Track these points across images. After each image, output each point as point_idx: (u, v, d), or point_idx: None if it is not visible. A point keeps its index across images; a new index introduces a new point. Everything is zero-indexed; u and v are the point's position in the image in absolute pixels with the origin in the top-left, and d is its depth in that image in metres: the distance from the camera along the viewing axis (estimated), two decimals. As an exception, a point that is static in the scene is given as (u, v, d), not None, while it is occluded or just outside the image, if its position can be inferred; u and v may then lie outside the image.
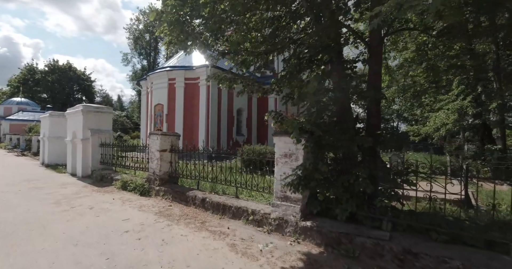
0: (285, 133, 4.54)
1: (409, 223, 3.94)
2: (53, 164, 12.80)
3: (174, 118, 19.82)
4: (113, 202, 6.32)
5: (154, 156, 7.21)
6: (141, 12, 50.19)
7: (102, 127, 10.14)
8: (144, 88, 24.11)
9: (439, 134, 15.53)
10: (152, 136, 7.29)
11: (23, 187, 7.91)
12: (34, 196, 6.80)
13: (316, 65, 4.66)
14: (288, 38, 4.75)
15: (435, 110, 14.30)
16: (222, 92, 20.56)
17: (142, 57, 51.34)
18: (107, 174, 8.95)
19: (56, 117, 13.43)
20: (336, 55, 4.35)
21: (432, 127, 13.58)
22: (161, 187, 6.87)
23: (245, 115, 23.33)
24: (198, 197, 5.92)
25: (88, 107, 9.93)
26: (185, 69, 19.76)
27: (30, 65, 51.44)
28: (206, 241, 4.11)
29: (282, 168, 4.66)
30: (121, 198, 6.70)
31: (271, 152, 10.82)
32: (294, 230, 4.32)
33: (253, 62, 4.96)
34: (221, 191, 6.29)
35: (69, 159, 10.80)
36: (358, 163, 4.44)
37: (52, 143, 13.19)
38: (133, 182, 7.53)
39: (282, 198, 4.64)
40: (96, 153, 9.76)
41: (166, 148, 7.20)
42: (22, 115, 39.13)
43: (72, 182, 8.88)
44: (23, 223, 4.72)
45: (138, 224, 4.79)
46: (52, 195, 6.93)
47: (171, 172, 7.29)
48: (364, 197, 4.24)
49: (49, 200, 6.36)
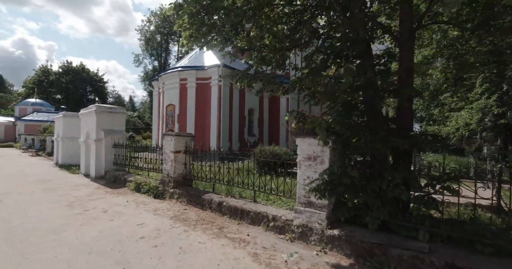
0: (309, 134, 4.23)
1: (450, 233, 3.58)
2: (66, 164, 12.82)
3: (185, 118, 19.72)
4: (127, 205, 6.13)
5: (168, 158, 7.00)
6: (152, 14, 50.55)
7: (115, 128, 10.03)
8: (155, 88, 24.13)
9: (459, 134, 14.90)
10: (166, 137, 7.09)
11: (36, 188, 7.83)
12: (46, 198, 6.68)
13: (345, 61, 4.34)
14: (311, 32, 4.44)
15: (455, 110, 13.68)
16: (234, 92, 20.36)
17: (154, 58, 51.77)
18: (121, 175, 8.81)
19: (69, 118, 13.46)
20: (365, 50, 4.02)
21: (454, 127, 12.98)
22: (175, 190, 6.65)
23: (256, 115, 23.06)
24: (214, 201, 5.66)
25: (101, 108, 9.84)
26: (196, 69, 19.61)
27: (44, 67, 52.53)
28: (226, 250, 3.84)
29: (305, 172, 4.35)
30: (134, 200, 6.51)
31: (286, 153, 10.54)
32: (320, 239, 4.00)
33: (275, 59, 4.67)
34: (237, 194, 6.03)
35: (83, 160, 10.75)
36: (390, 166, 4.10)
37: (65, 144, 13.23)
38: (147, 184, 7.34)
39: (306, 204, 4.33)
40: (109, 154, 9.65)
41: (181, 149, 6.98)
42: (37, 116, 39.88)
43: (85, 183, 8.77)
44: (35, 228, 4.56)
45: (154, 230, 4.56)
46: (65, 197, 6.80)
47: (185, 174, 7.06)
48: (398, 204, 3.90)
49: (62, 203, 6.22)
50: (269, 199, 5.75)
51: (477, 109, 11.57)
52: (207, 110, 19.52)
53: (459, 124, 12.58)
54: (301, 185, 4.40)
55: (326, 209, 4.13)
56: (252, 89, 5.53)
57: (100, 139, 9.61)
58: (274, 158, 9.52)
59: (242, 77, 5.02)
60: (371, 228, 3.80)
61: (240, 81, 5.07)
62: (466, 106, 12.45)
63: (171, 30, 50.70)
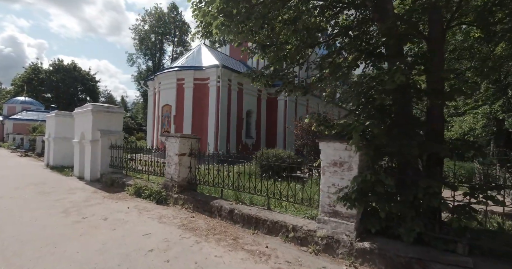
0: (335, 138, 3.91)
1: (493, 246, 3.30)
2: (58, 166, 12.20)
3: (182, 119, 19.22)
4: (129, 211, 5.70)
5: (172, 161, 6.58)
6: (147, 13, 49.82)
7: (112, 128, 9.54)
8: (151, 88, 23.57)
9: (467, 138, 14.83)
10: (170, 139, 6.68)
11: (28, 191, 7.31)
12: (40, 203, 6.19)
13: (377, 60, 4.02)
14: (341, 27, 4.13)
15: (458, 115, 13.60)
16: (232, 93, 19.99)
17: (148, 57, 50.91)
18: (118, 179, 8.33)
19: (62, 117, 12.86)
20: (398, 50, 3.74)
21: (457, 132, 12.87)
22: (180, 195, 6.24)
23: (254, 117, 22.70)
24: (224, 208, 5.28)
25: (98, 107, 9.34)
26: (194, 69, 19.16)
27: (34, 65, 51.06)
28: (247, 265, 3.47)
29: (330, 179, 4.02)
30: (136, 206, 6.07)
31: (290, 156, 10.23)
32: (349, 252, 3.67)
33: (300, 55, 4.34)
34: (247, 200, 5.66)
35: (77, 162, 10.19)
36: (422, 173, 3.81)
37: (57, 144, 12.60)
38: (148, 188, 6.90)
39: (331, 213, 4.00)
40: (106, 156, 9.15)
41: (185, 152, 6.58)
42: (26, 115, 38.65)
43: (80, 186, 8.26)
44: (31, 239, 4.10)
45: (162, 241, 4.15)
46: (60, 202, 6.31)
47: (190, 178, 6.66)
48: (434, 214, 3.61)
49: (58, 209, 5.74)
50: (281, 206, 5.40)
51: (482, 114, 11.50)
52: (204, 111, 19.08)
53: (463, 129, 12.47)
54: (325, 193, 4.06)
55: (354, 219, 3.80)
56: (264, 88, 5.17)
57: (96, 140, 9.10)
58: (278, 161, 9.23)
59: (258, 76, 4.67)
60: (406, 241, 3.49)
61: (257, 80, 4.72)
62: (469, 111, 12.37)
63: (166, 30, 50.08)
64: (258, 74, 4.66)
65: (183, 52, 51.50)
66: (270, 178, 7.18)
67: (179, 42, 52.20)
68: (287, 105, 24.08)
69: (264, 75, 4.59)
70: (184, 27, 51.67)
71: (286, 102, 24.09)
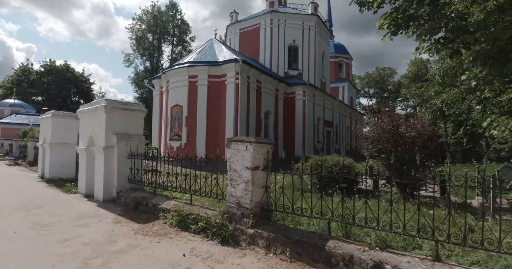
0: None
1: None
2: (56, 178, 9.85)
3: (195, 121, 16.96)
4: (190, 265, 3.48)
5: (239, 177, 4.40)
6: (144, 11, 47.41)
7: (131, 131, 7.31)
8: (157, 87, 21.26)
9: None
10: (235, 145, 4.49)
11: (19, 223, 5.04)
12: (40, 247, 3.94)
13: None
14: None
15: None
16: (251, 92, 17.86)
17: (145, 58, 48.40)
18: (143, 199, 6.10)
19: (60, 118, 10.51)
20: None
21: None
22: (257, 230, 4.06)
23: (272, 119, 20.58)
24: (359, 259, 3.12)
25: (113, 103, 7.09)
26: (209, 65, 16.97)
27: (24, 66, 48.04)
28: None
29: None
30: (194, 252, 3.85)
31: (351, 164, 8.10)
32: None
33: None
34: (394, 243, 3.50)
35: (83, 175, 7.89)
36: None
37: (55, 151, 10.24)
38: (199, 216, 4.70)
39: None
40: (124, 167, 6.89)
41: (259, 165, 4.41)
42: (15, 118, 35.82)
43: (92, 211, 5.98)
44: None
45: None
46: (70, 245, 4.06)
47: (263, 203, 4.49)
48: None
49: (70, 262, 3.50)
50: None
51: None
52: (220, 112, 16.87)
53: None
54: None
55: None
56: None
57: (111, 147, 6.86)
58: (341, 171, 7.14)
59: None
60: None
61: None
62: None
63: (164, 29, 47.74)
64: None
65: (182, 52, 49.14)
66: (333, 194, 5.16)
67: (179, 41, 49.89)
68: (305, 105, 22.08)
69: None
70: (184, 26, 49.42)
71: (305, 101, 22.11)
